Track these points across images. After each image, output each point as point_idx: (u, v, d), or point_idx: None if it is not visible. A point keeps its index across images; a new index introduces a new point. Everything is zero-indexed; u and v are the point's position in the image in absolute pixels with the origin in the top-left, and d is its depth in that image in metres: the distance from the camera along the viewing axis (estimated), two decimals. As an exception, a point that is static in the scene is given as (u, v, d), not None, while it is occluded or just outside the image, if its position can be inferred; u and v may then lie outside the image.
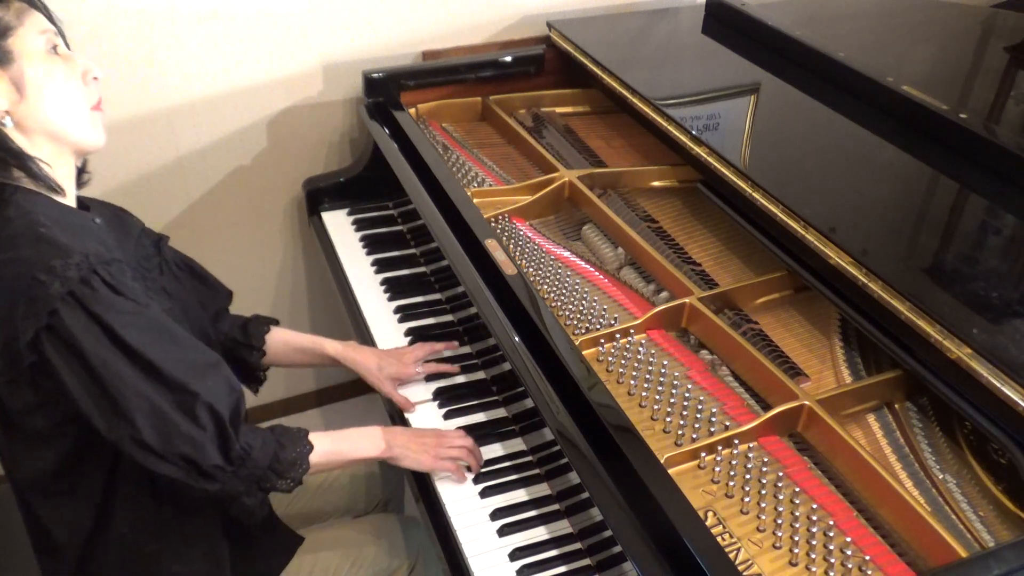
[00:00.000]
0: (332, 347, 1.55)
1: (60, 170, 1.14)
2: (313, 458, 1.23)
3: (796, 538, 1.14)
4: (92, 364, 1.03)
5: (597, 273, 1.59)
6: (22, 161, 1.08)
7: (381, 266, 1.84)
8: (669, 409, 1.32)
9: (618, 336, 1.43)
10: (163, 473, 1.09)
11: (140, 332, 1.06)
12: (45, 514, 1.20)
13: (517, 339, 1.34)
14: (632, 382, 1.36)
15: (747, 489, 1.20)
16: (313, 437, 1.26)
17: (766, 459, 1.23)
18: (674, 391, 1.33)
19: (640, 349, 1.42)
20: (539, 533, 1.28)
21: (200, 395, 1.09)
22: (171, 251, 1.36)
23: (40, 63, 1.09)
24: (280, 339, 1.53)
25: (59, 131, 1.11)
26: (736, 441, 1.25)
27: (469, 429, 1.45)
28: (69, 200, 1.16)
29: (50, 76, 1.09)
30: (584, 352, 1.37)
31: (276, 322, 1.54)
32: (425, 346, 1.57)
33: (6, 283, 1.03)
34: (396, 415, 1.52)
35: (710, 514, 1.17)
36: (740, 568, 1.06)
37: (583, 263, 1.62)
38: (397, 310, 1.72)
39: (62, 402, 1.07)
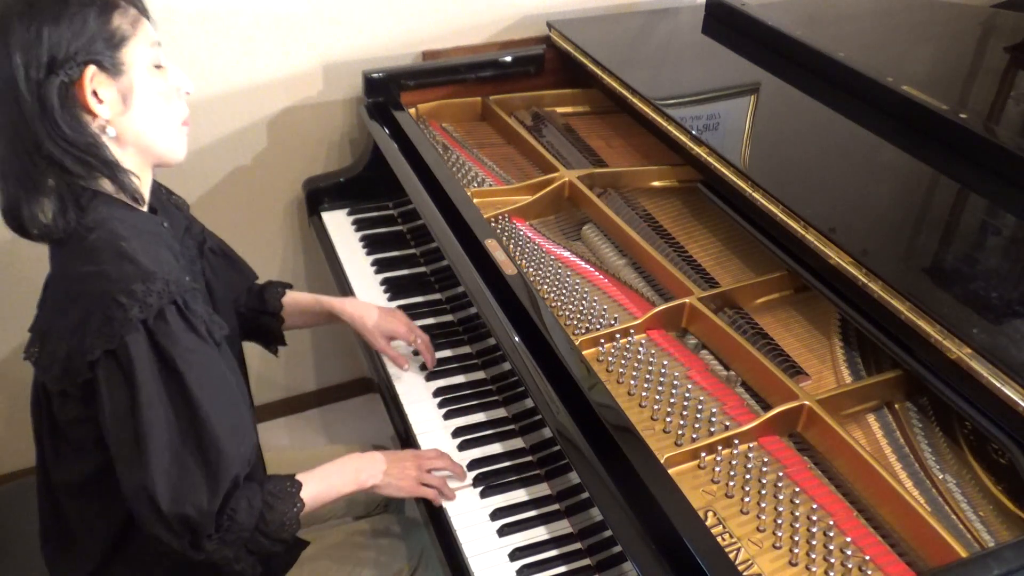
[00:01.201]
0: (331, 303, 1.57)
1: (142, 180, 1.14)
2: (300, 513, 1.20)
3: (796, 538, 1.14)
4: (139, 399, 1.02)
5: (597, 273, 1.59)
6: (115, 172, 1.08)
7: (381, 266, 1.84)
8: (669, 409, 1.32)
9: (618, 336, 1.43)
10: (154, 534, 1.07)
11: (201, 376, 1.06)
12: (73, 514, 1.20)
13: (517, 339, 1.34)
14: (632, 382, 1.36)
15: (747, 489, 1.20)
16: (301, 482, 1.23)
17: (766, 459, 1.23)
18: (674, 391, 1.33)
19: (640, 349, 1.42)
20: (539, 533, 1.28)
21: (233, 459, 1.08)
22: (210, 238, 1.38)
23: (147, 77, 1.09)
24: (290, 301, 1.55)
25: (151, 144, 1.12)
26: (736, 441, 1.25)
27: (469, 429, 1.45)
28: (144, 208, 1.16)
29: (154, 91, 1.10)
30: (584, 352, 1.37)
31: (290, 286, 1.57)
32: (424, 336, 1.58)
33: (86, 296, 1.03)
34: (398, 416, 1.52)
35: (710, 514, 1.17)
36: (740, 568, 1.06)
37: (583, 263, 1.62)
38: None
39: None
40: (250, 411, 1.17)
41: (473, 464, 1.39)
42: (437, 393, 1.53)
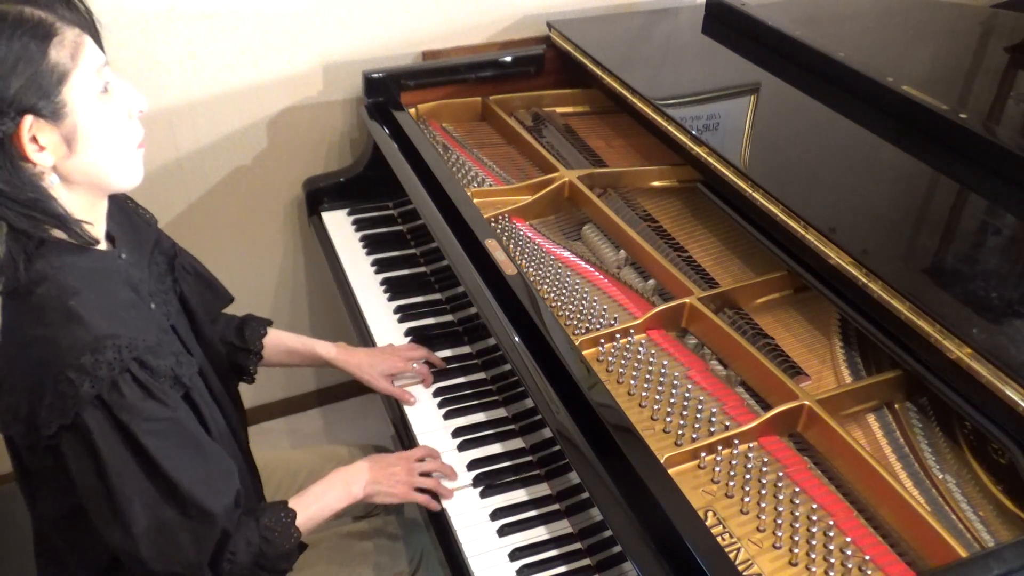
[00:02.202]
0: (323, 348, 1.54)
1: (96, 220, 1.07)
2: (298, 542, 1.19)
3: (796, 538, 1.14)
4: (106, 471, 1.00)
5: (597, 273, 1.59)
6: (64, 224, 1.01)
7: (381, 266, 1.84)
8: (669, 409, 1.31)
9: (618, 336, 1.43)
10: None
11: (164, 442, 1.02)
12: (61, 543, 1.18)
13: (517, 339, 1.34)
14: (632, 382, 1.36)
15: (747, 489, 1.20)
16: (294, 505, 1.21)
17: (766, 459, 1.23)
18: (674, 391, 1.33)
19: (640, 349, 1.42)
20: (539, 533, 1.28)
21: (216, 517, 1.06)
22: (183, 256, 1.33)
23: (93, 110, 0.99)
24: (273, 341, 1.51)
25: (102, 178, 1.04)
26: (736, 441, 1.25)
27: (469, 429, 1.45)
28: (99, 246, 1.09)
29: (101, 123, 1.00)
30: (584, 352, 1.37)
31: (270, 323, 1.53)
32: (420, 349, 1.57)
33: (35, 363, 0.98)
34: (397, 416, 1.52)
35: (710, 514, 1.17)
36: (740, 568, 1.06)
37: (583, 263, 1.61)
38: (397, 310, 1.72)
39: None
40: (232, 465, 1.14)
41: (473, 464, 1.39)
42: (437, 393, 1.53)
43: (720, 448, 1.25)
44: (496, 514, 1.31)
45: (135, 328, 1.03)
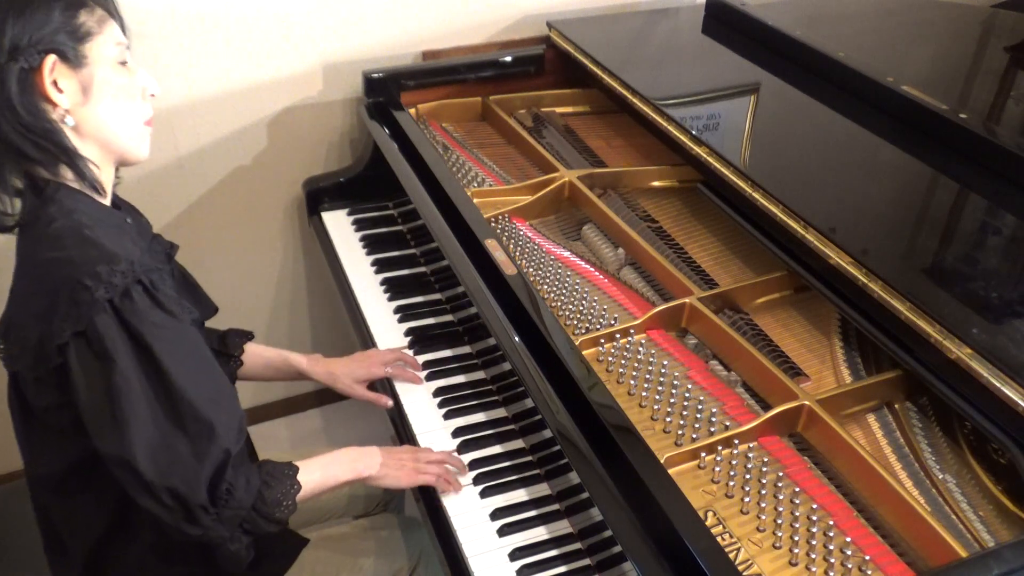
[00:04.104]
0: (298, 361, 1.55)
1: (103, 173, 1.15)
2: (298, 496, 1.20)
3: (796, 538, 1.14)
4: (113, 378, 1.03)
5: (597, 273, 1.59)
6: (72, 159, 1.09)
7: (381, 266, 1.84)
8: (669, 409, 1.32)
9: (618, 336, 1.43)
10: (145, 507, 1.06)
11: (172, 348, 1.06)
12: (58, 514, 1.20)
13: (517, 339, 1.34)
14: (632, 382, 1.36)
15: (747, 489, 1.20)
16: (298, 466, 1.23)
17: (766, 459, 1.24)
18: (674, 391, 1.33)
19: (640, 349, 1.42)
20: (539, 533, 1.28)
21: (218, 433, 1.08)
22: (174, 263, 1.35)
23: (110, 72, 1.10)
24: (252, 352, 1.53)
25: (111, 139, 1.13)
26: (736, 441, 1.25)
27: (469, 429, 1.45)
28: (105, 202, 1.16)
29: (115, 86, 1.11)
30: (584, 352, 1.37)
31: (251, 336, 1.54)
32: (392, 350, 1.58)
33: (51, 281, 1.04)
34: (397, 416, 1.52)
35: (710, 514, 1.17)
36: (740, 568, 1.06)
37: (583, 263, 1.62)
38: (397, 310, 1.72)
39: None
40: (233, 388, 1.17)
41: (473, 464, 1.39)
42: (437, 393, 1.53)
43: (720, 448, 1.25)
44: (496, 514, 1.31)
45: (143, 258, 1.08)
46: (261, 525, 1.14)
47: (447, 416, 1.48)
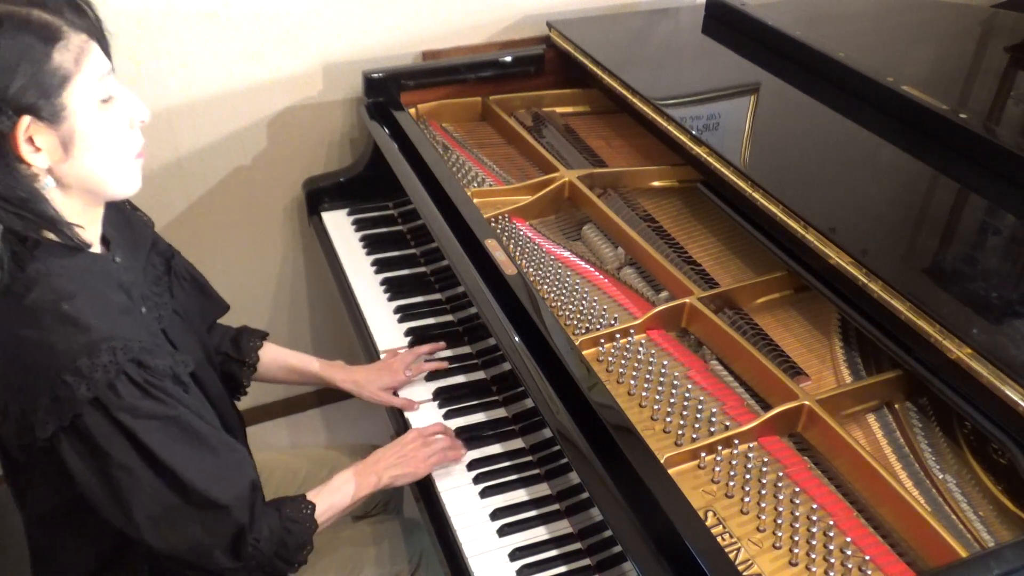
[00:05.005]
0: (320, 367, 1.54)
1: (90, 224, 1.07)
2: (314, 534, 1.20)
3: (796, 538, 1.14)
4: (109, 469, 1.00)
5: (597, 273, 1.59)
6: (55, 227, 1.01)
7: (381, 266, 1.84)
8: (669, 409, 1.31)
9: (618, 336, 1.43)
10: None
11: (165, 439, 1.01)
12: (48, 548, 1.18)
13: (517, 339, 1.34)
14: (632, 382, 1.36)
15: (747, 489, 1.20)
16: (312, 499, 1.22)
17: (766, 459, 1.23)
18: (674, 391, 1.33)
19: (640, 349, 1.42)
20: (539, 533, 1.28)
21: (228, 507, 1.06)
22: (180, 260, 1.32)
23: (93, 117, 0.99)
24: (270, 356, 1.51)
25: (98, 185, 1.03)
26: (736, 441, 1.25)
27: (469, 429, 1.45)
28: (93, 249, 1.08)
29: (100, 131, 1.00)
30: (584, 352, 1.37)
31: (266, 335, 1.52)
32: (411, 352, 1.57)
33: (30, 362, 0.97)
34: (397, 416, 1.52)
35: (710, 514, 1.17)
36: (740, 568, 1.06)
37: (583, 263, 1.61)
38: (397, 310, 1.72)
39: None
40: (243, 452, 1.14)
41: (473, 464, 1.39)
42: (437, 393, 1.53)
43: (720, 448, 1.24)
44: (496, 514, 1.31)
45: (129, 330, 1.02)
46: (281, 568, 1.15)
47: (447, 416, 1.48)
